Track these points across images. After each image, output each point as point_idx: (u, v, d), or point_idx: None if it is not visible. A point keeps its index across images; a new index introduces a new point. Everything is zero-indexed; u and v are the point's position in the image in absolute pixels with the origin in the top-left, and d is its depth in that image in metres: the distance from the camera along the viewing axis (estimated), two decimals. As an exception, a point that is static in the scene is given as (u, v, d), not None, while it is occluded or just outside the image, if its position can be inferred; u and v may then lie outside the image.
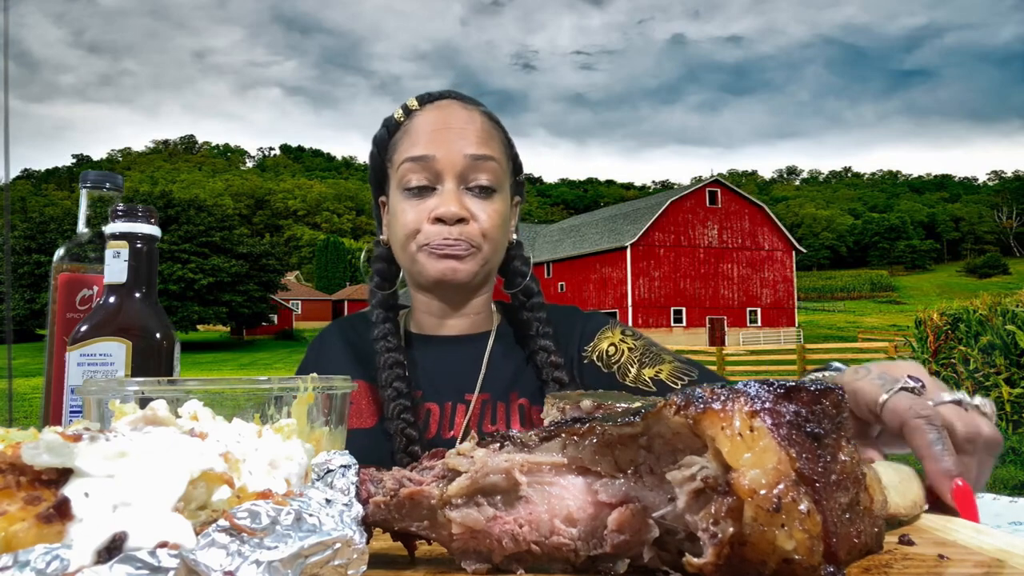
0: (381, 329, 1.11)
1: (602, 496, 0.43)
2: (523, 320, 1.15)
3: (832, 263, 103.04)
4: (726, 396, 0.39)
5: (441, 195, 1.05)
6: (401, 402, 1.04)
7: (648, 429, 0.42)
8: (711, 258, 36.66)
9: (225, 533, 0.35)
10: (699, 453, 0.40)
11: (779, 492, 0.37)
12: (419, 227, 1.06)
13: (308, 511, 0.39)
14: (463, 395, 1.10)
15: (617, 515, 0.42)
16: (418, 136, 1.08)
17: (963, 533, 0.54)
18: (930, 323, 8.56)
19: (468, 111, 1.11)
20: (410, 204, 1.07)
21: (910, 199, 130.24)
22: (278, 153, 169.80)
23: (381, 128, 1.15)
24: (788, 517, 0.37)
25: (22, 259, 31.37)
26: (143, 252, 0.85)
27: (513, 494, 0.45)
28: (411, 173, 1.06)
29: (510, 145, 1.17)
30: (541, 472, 0.45)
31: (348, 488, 0.45)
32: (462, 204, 1.05)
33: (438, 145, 1.06)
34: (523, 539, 0.44)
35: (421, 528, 0.47)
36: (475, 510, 0.45)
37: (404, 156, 1.07)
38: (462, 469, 0.46)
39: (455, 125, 1.08)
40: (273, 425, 0.54)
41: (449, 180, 1.06)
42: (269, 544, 0.36)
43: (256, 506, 0.37)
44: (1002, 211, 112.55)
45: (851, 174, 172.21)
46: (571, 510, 0.44)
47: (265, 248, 40.15)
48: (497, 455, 0.46)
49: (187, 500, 0.39)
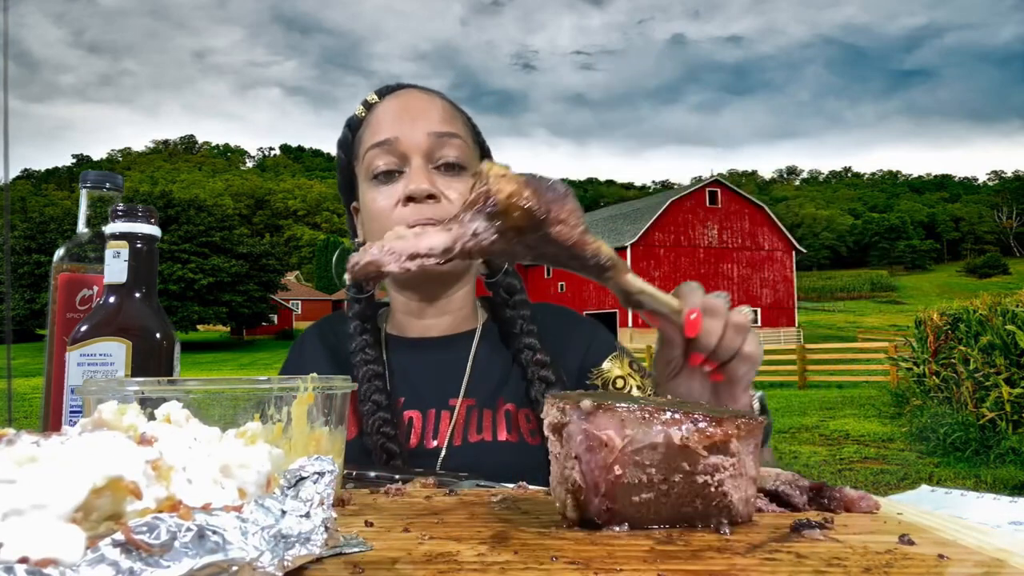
0: (359, 341, 1.09)
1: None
2: (507, 318, 1.13)
3: (832, 263, 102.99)
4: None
5: (408, 175, 1.04)
6: (380, 415, 1.02)
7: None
8: (711, 258, 36.63)
9: (119, 548, 0.33)
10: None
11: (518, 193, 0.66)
12: (390, 212, 1.04)
13: (213, 527, 0.36)
14: (447, 401, 1.07)
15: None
16: (380, 123, 1.08)
17: (963, 533, 0.54)
18: (930, 323, 8.56)
19: (428, 95, 1.12)
20: (379, 191, 1.06)
21: (910, 199, 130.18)
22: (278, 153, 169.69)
23: (344, 130, 1.15)
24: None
25: (22, 259, 31.36)
26: (143, 252, 0.85)
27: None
28: (377, 159, 1.06)
29: (475, 130, 1.16)
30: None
31: (314, 497, 0.43)
32: (431, 181, 1.04)
33: (400, 127, 1.06)
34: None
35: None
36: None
37: (368, 144, 1.07)
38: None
39: (415, 107, 1.08)
40: (237, 430, 0.52)
41: (416, 159, 1.05)
42: (164, 562, 0.33)
43: (158, 519, 0.34)
44: (1002, 211, 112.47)
45: (851, 174, 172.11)
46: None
47: (265, 248, 40.14)
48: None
49: (88, 510, 0.36)
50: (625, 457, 0.55)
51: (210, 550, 0.35)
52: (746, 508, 0.58)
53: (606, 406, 0.56)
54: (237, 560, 0.36)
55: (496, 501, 0.69)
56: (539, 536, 0.54)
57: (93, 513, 0.37)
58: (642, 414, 0.55)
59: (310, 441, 0.64)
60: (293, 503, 0.42)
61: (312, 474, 0.44)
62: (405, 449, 1.03)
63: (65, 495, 0.35)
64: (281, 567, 0.38)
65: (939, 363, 8.26)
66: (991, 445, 6.85)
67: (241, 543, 0.36)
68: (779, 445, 7.79)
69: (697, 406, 0.59)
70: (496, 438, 1.05)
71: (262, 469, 0.46)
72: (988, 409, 7.14)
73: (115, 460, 0.38)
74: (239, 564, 0.36)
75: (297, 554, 0.40)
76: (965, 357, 7.66)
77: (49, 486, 0.35)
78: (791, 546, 0.50)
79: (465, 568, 0.46)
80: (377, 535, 0.55)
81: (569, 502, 0.57)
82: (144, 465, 0.39)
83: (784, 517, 0.60)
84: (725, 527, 0.55)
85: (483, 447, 1.03)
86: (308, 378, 0.64)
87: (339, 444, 0.69)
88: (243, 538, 0.37)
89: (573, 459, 0.57)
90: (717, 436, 0.55)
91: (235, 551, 0.36)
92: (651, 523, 0.56)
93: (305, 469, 0.45)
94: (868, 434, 8.30)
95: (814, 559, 0.47)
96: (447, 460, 1.02)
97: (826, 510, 0.63)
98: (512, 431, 1.05)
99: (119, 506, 0.38)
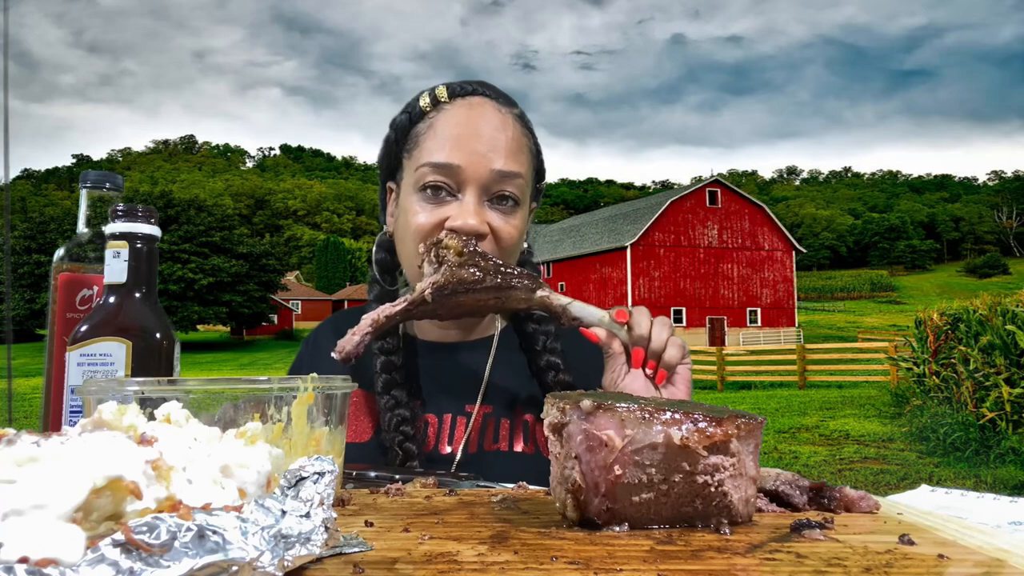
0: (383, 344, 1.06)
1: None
2: (528, 332, 1.10)
3: (832, 263, 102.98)
4: None
5: (461, 205, 0.97)
6: (400, 412, 0.99)
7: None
8: (711, 258, 36.63)
9: (119, 548, 0.33)
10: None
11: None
12: (429, 232, 0.97)
13: (213, 527, 0.36)
14: (463, 407, 1.05)
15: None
16: (444, 138, 0.99)
17: (963, 533, 0.54)
18: (930, 323, 8.55)
19: (502, 115, 1.02)
20: (424, 206, 0.99)
21: (910, 199, 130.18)
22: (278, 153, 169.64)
23: (402, 113, 1.06)
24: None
25: (22, 259, 31.36)
26: (143, 252, 0.85)
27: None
28: (432, 177, 0.98)
29: (538, 153, 1.09)
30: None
31: (314, 497, 0.43)
32: (482, 219, 0.97)
33: (465, 154, 0.97)
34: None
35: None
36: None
37: (426, 159, 0.99)
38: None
39: (485, 132, 0.99)
40: (238, 430, 0.52)
41: (471, 191, 0.98)
42: (164, 562, 0.33)
43: (158, 519, 0.34)
44: (1002, 211, 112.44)
45: (851, 174, 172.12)
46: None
47: (265, 248, 40.14)
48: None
49: (88, 510, 0.36)
50: (625, 457, 0.55)
51: (210, 550, 0.35)
52: (746, 508, 0.58)
53: (606, 406, 0.56)
54: (237, 560, 0.36)
55: (496, 501, 0.68)
56: (539, 536, 0.54)
57: (93, 513, 0.37)
58: (642, 414, 0.55)
59: (310, 441, 0.64)
60: (293, 503, 0.42)
61: (312, 474, 0.44)
62: (423, 451, 1.01)
63: (65, 495, 0.35)
64: (281, 567, 0.38)
65: (939, 363, 8.26)
66: (991, 445, 6.85)
67: (241, 543, 0.36)
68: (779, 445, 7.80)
69: (697, 406, 0.59)
70: (512, 448, 1.03)
71: (262, 469, 0.46)
72: (988, 409, 7.14)
73: (115, 460, 0.38)
74: (239, 564, 0.36)
75: (297, 554, 0.40)
76: (965, 357, 7.66)
77: (49, 486, 0.35)
78: (791, 546, 0.50)
79: (465, 568, 0.46)
80: (377, 535, 0.55)
81: (569, 502, 0.57)
82: (144, 465, 0.39)
83: (784, 517, 0.60)
84: (725, 527, 0.55)
85: (499, 457, 1.02)
86: (308, 378, 0.64)
87: (339, 444, 0.69)
88: (243, 538, 0.37)
89: (573, 459, 0.57)
90: (717, 436, 0.55)
91: (235, 551, 0.36)
92: (651, 523, 0.56)
93: (305, 469, 0.44)
94: (868, 434, 8.29)
95: (814, 559, 0.47)
96: (462, 467, 1.00)
97: (826, 510, 0.63)
98: (529, 442, 1.03)
99: (119, 506, 0.38)
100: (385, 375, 1.03)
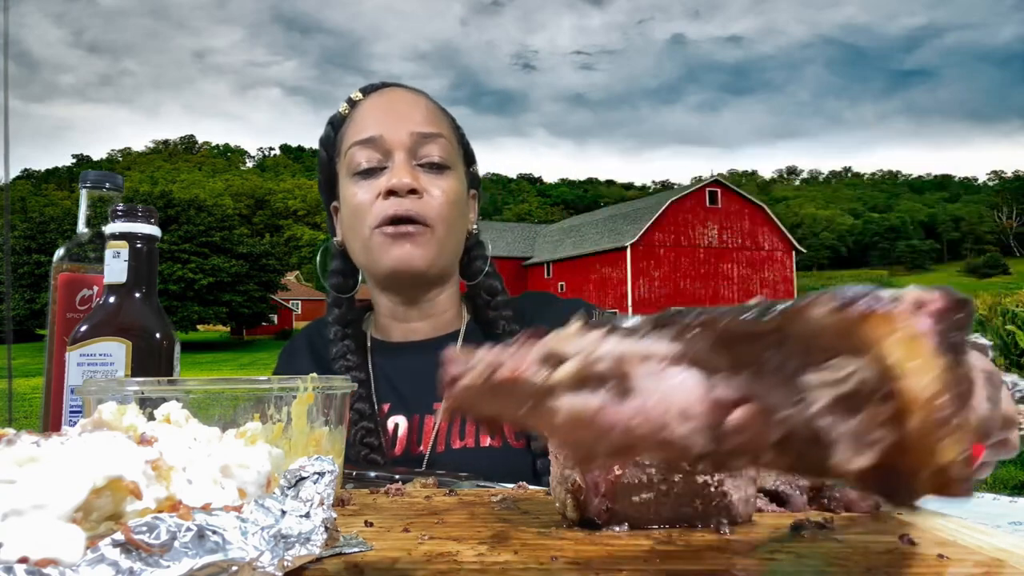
0: (340, 348, 1.08)
1: (719, 392, 0.41)
2: (489, 319, 1.12)
3: (832, 263, 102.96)
4: (890, 298, 0.38)
5: (392, 169, 1.03)
6: (364, 425, 1.01)
7: (784, 326, 0.39)
8: (711, 258, 36.64)
9: (119, 548, 0.33)
10: (850, 355, 0.38)
11: (946, 401, 0.36)
12: (370, 205, 1.03)
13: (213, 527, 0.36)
14: (431, 405, 1.06)
15: (741, 413, 0.40)
16: (364, 120, 1.07)
17: (963, 533, 0.54)
18: (930, 323, 8.55)
19: (412, 94, 1.11)
20: (360, 186, 1.05)
21: (910, 199, 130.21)
22: (278, 153, 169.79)
23: (327, 127, 1.14)
24: (952, 427, 0.36)
25: (22, 259, 31.36)
26: (143, 252, 0.85)
27: (623, 384, 0.41)
28: (359, 155, 1.05)
29: (460, 132, 1.16)
30: (653, 362, 0.41)
31: (314, 497, 0.42)
32: (414, 175, 1.03)
33: (385, 125, 1.05)
34: (633, 432, 0.41)
35: (519, 416, 0.43)
36: (583, 399, 0.41)
37: (351, 141, 1.06)
38: (569, 353, 0.42)
39: (400, 108, 1.08)
40: (237, 430, 0.52)
41: (399, 155, 1.04)
42: (164, 562, 0.33)
43: (158, 519, 0.34)
44: (1002, 211, 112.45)
45: (851, 174, 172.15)
46: (685, 405, 0.41)
47: (265, 248, 40.16)
48: (605, 341, 0.43)
49: (88, 510, 0.36)
50: (625, 457, 0.55)
51: (210, 550, 0.35)
52: (746, 508, 0.58)
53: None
54: (237, 560, 0.35)
55: (496, 501, 0.69)
56: (539, 536, 0.54)
57: (93, 513, 0.37)
58: (642, 414, 0.55)
59: (310, 441, 0.64)
60: (293, 503, 0.42)
61: (312, 474, 0.44)
62: (388, 458, 1.02)
63: (65, 495, 0.35)
64: (281, 567, 0.38)
65: (939, 363, 8.26)
66: (991, 445, 6.85)
67: (241, 543, 0.36)
68: (779, 445, 7.79)
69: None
70: (479, 443, 1.03)
71: (262, 469, 0.46)
72: (988, 409, 7.14)
73: (115, 460, 0.38)
74: (239, 564, 0.36)
75: (297, 554, 0.40)
76: (965, 357, 7.66)
77: (49, 486, 0.35)
78: (791, 546, 0.50)
79: (465, 568, 0.46)
80: (377, 535, 0.55)
81: (569, 502, 0.57)
82: (144, 465, 0.39)
83: (784, 517, 0.60)
84: (725, 527, 0.55)
85: (467, 453, 1.03)
86: (308, 378, 0.64)
87: (339, 444, 0.69)
88: (243, 538, 0.37)
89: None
90: (717, 436, 0.55)
91: (235, 551, 0.36)
92: (651, 523, 0.56)
93: (305, 469, 0.44)
94: (868, 434, 8.29)
95: (814, 559, 0.47)
96: (431, 467, 1.01)
97: (826, 510, 0.63)
98: (495, 435, 1.04)
99: (119, 506, 0.38)
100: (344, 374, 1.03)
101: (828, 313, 0.38)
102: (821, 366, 0.39)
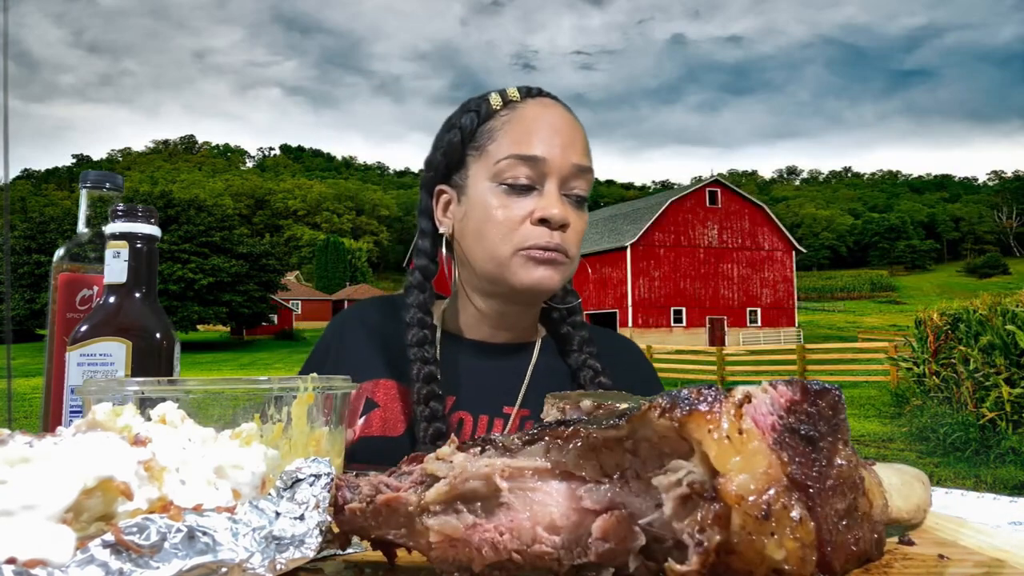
0: (417, 335, 1.03)
1: (586, 502, 0.42)
2: (563, 334, 1.12)
3: (832, 263, 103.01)
4: (713, 397, 0.38)
5: (544, 196, 1.00)
6: (437, 426, 0.98)
7: (633, 432, 0.40)
8: (711, 258, 36.64)
9: (109, 549, 0.33)
10: (686, 457, 0.38)
11: (769, 498, 0.36)
12: (517, 227, 0.99)
13: (203, 528, 0.36)
14: (501, 408, 1.05)
15: (602, 522, 0.40)
16: (528, 132, 1.01)
17: (963, 533, 0.54)
18: (930, 323, 8.56)
19: (572, 118, 1.07)
20: (505, 200, 1.00)
21: (910, 199, 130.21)
22: (278, 153, 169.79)
23: (465, 113, 1.07)
24: (778, 525, 0.35)
25: (22, 259, 31.36)
26: (143, 252, 0.85)
27: (494, 500, 0.43)
28: (519, 170, 1.00)
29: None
30: (523, 477, 0.43)
31: (309, 500, 0.42)
32: (564, 210, 1.00)
33: (552, 148, 1.00)
34: (504, 547, 0.42)
35: (399, 536, 0.45)
36: (454, 517, 0.43)
37: (510, 151, 1.00)
38: (440, 474, 0.44)
39: (564, 129, 1.03)
40: (233, 430, 0.52)
41: (552, 183, 1.00)
42: (153, 563, 0.33)
43: (148, 520, 0.34)
44: (1002, 211, 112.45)
45: (851, 174, 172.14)
46: (554, 517, 0.42)
47: (265, 248, 40.14)
48: (478, 459, 0.44)
49: (78, 510, 0.36)
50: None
51: (200, 551, 0.35)
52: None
53: (606, 406, 0.56)
54: (226, 561, 0.35)
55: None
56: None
57: (84, 514, 0.37)
58: (642, 414, 0.55)
59: (310, 441, 0.64)
60: (288, 505, 0.41)
61: (308, 476, 0.44)
62: None
63: (56, 496, 0.35)
64: (272, 568, 0.38)
65: (939, 363, 8.26)
66: (991, 445, 6.85)
67: (231, 544, 0.36)
68: (779, 445, 7.79)
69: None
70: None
71: (256, 470, 0.46)
72: (988, 409, 7.14)
73: (106, 461, 0.38)
74: (228, 565, 0.36)
75: (291, 557, 0.40)
76: (965, 357, 7.66)
77: (40, 487, 0.35)
78: None
79: (465, 568, 0.46)
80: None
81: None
82: (136, 466, 0.39)
83: None
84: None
85: None
86: (308, 378, 0.64)
87: (339, 444, 0.69)
88: (233, 539, 0.37)
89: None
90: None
91: (225, 552, 0.36)
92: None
93: (302, 471, 0.44)
94: (868, 434, 8.30)
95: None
96: None
97: None
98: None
99: (110, 507, 0.38)
100: (425, 385, 1.00)
101: (659, 416, 0.38)
102: (664, 469, 0.39)
